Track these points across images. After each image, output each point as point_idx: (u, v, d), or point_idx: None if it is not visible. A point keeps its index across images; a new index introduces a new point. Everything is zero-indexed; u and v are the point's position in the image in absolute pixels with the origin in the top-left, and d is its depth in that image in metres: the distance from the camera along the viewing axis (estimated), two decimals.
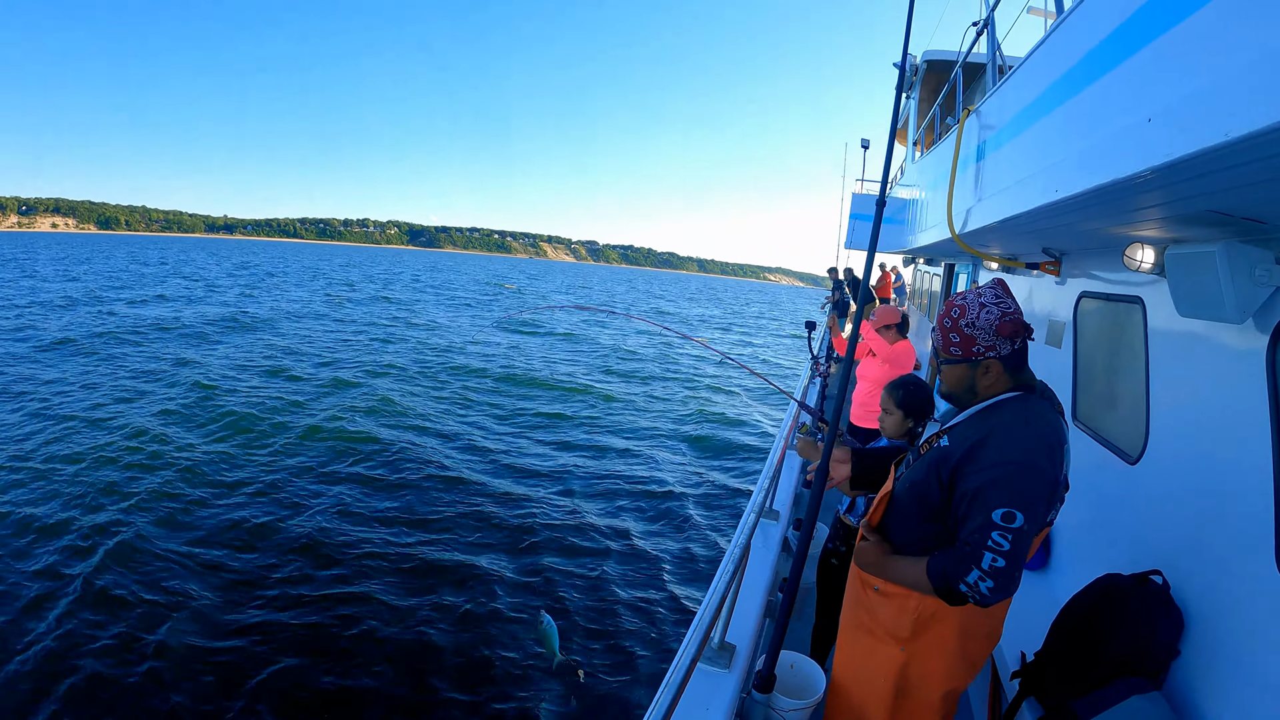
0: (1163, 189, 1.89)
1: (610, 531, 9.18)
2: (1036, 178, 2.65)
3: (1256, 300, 2.22)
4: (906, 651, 2.17)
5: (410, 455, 11.43)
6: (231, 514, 8.70)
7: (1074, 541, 3.62)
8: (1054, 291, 4.54)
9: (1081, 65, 2.32)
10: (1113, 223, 2.67)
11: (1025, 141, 2.97)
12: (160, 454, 10.64)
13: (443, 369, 20.17)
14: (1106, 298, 3.63)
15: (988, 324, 2.04)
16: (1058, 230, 3.28)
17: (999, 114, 3.53)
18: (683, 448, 13.70)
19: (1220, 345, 2.51)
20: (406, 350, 23.18)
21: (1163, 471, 2.89)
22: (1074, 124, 2.38)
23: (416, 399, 15.89)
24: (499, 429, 13.81)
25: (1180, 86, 1.59)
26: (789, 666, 2.72)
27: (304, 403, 14.65)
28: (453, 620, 6.85)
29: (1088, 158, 2.13)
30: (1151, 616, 2.36)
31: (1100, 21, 2.17)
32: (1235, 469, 2.33)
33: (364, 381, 17.30)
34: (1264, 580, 2.06)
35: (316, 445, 11.73)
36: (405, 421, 13.66)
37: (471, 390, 17.45)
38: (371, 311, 35.01)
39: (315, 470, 10.51)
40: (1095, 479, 3.46)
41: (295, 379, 17.17)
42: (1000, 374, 2.07)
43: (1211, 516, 2.46)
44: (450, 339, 26.91)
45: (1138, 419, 3.11)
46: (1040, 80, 2.81)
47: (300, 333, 25.52)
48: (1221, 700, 2.16)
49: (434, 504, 9.51)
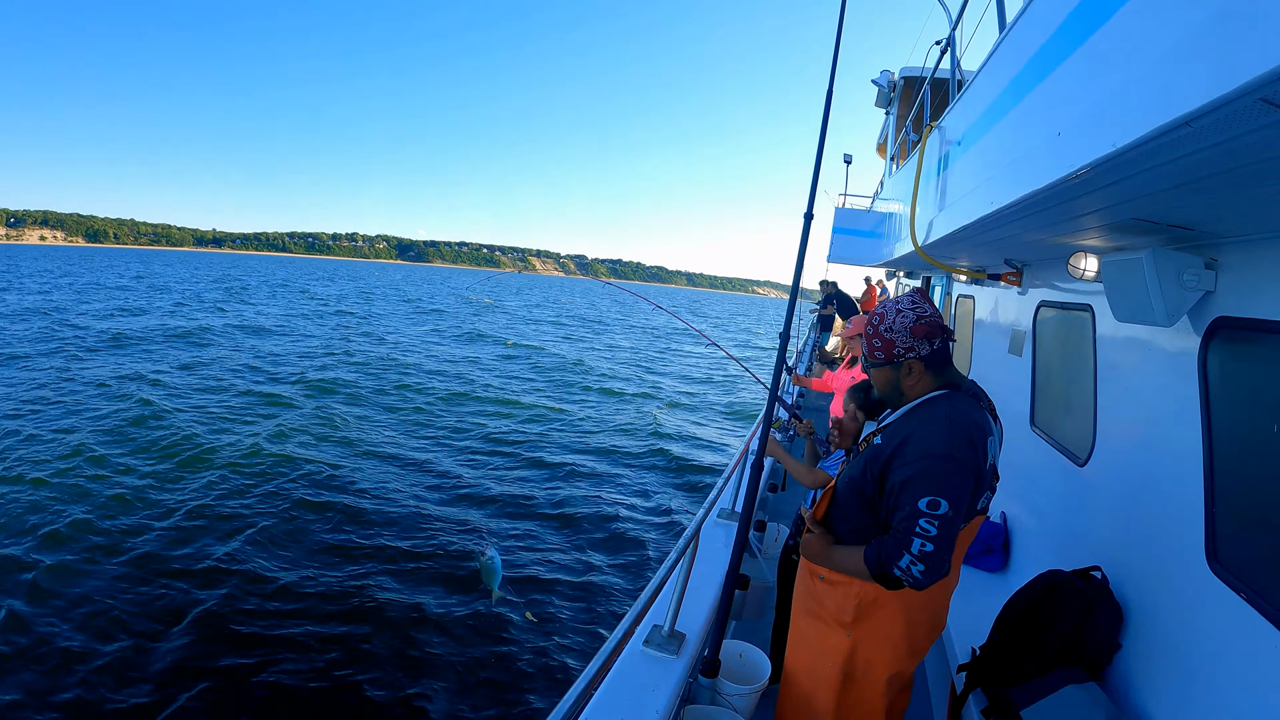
0: (1079, 199, 2.00)
1: (571, 534, 9.35)
2: (979, 190, 2.77)
3: (1186, 304, 2.33)
4: (851, 636, 2.27)
5: (336, 478, 10.91)
6: (141, 541, 8.18)
7: (1028, 544, 3.73)
8: (1016, 302, 4.67)
9: (1012, 84, 2.44)
10: (1054, 233, 2.78)
11: (973, 155, 3.10)
12: (84, 473, 10.21)
13: (393, 383, 19.69)
14: (1061, 306, 3.75)
15: (903, 327, 2.18)
16: (1009, 241, 3.40)
17: (957, 128, 3.65)
18: (646, 459, 13.68)
19: (1158, 349, 2.62)
20: (359, 366, 22.38)
21: (1107, 472, 2.99)
22: (1006, 138, 2.50)
23: (357, 418, 15.26)
24: (440, 445, 13.47)
25: (1081, 102, 1.71)
26: (738, 655, 2.85)
27: (235, 419, 14.15)
28: (406, 622, 6.90)
29: (1014, 170, 2.25)
30: (1089, 610, 2.45)
31: (1026, 43, 2.29)
32: (1171, 468, 2.42)
33: (300, 400, 16.55)
34: (1196, 576, 2.15)
35: (240, 467, 11.09)
36: (342, 441, 13.15)
37: (420, 407, 16.95)
38: (325, 326, 33.77)
39: (232, 495, 9.90)
40: (1050, 482, 3.57)
41: (234, 393, 16.59)
42: (923, 374, 2.20)
43: (1149, 514, 2.56)
44: (412, 355, 26.03)
45: (1086, 423, 3.22)
46: (984, 98, 2.94)
47: (254, 347, 24.73)
48: (1158, 691, 2.25)
49: (358, 524, 9.21)
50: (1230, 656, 1.94)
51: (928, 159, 4.43)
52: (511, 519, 9.70)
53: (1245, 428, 2.08)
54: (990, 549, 3.86)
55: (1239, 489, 2.07)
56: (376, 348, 26.99)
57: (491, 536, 7.49)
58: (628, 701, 2.27)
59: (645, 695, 2.30)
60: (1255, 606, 1.84)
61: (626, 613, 2.07)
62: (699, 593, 2.93)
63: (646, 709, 2.24)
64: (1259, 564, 1.93)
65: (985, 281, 5.20)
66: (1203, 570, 2.12)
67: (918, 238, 4.47)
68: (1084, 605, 2.46)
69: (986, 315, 5.56)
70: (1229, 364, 2.18)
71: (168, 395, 15.80)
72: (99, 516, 8.75)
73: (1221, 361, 2.21)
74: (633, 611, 2.11)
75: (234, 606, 6.86)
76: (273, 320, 34.48)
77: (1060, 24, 1.93)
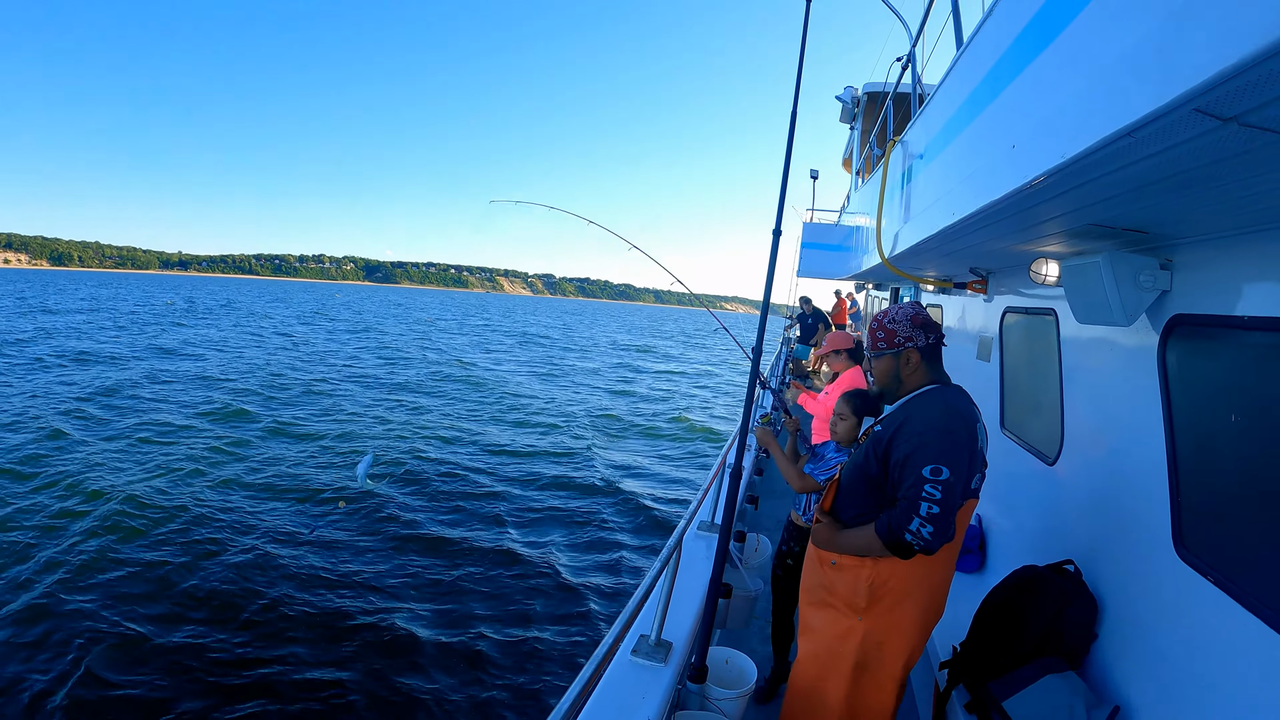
0: (1036, 207, 2.10)
1: (551, 547, 9.40)
2: (942, 201, 2.88)
3: (1143, 304, 2.44)
4: (864, 621, 2.39)
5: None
6: None
7: (1003, 543, 3.82)
8: (983, 309, 4.80)
9: (970, 99, 2.55)
10: (1015, 240, 2.89)
11: (935, 168, 3.20)
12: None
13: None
14: (1026, 311, 3.87)
15: (904, 317, 2.47)
16: (973, 250, 3.51)
17: (919, 143, 3.77)
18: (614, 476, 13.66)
19: (1119, 347, 2.73)
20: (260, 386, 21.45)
21: (1076, 469, 3.09)
22: (965, 151, 2.61)
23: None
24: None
25: (1033, 116, 1.81)
26: (724, 661, 2.90)
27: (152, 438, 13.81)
28: (405, 634, 6.91)
29: (974, 181, 2.35)
30: (1064, 602, 2.53)
31: (981, 60, 2.40)
32: (1136, 461, 2.53)
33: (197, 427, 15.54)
34: (1165, 564, 2.24)
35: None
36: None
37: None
38: (260, 351, 32.18)
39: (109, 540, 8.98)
40: (1021, 482, 3.67)
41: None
42: (919, 364, 2.43)
43: (1117, 507, 2.65)
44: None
45: (1054, 422, 3.33)
46: (944, 113, 3.05)
47: (180, 371, 23.64)
48: (1136, 676, 2.32)
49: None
50: (1202, 638, 2.02)
51: (892, 173, 4.56)
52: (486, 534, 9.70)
53: (1205, 419, 2.18)
54: (968, 550, 3.94)
55: (1201, 477, 2.17)
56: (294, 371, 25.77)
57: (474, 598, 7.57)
58: (619, 710, 2.30)
59: (636, 702, 2.34)
60: (1223, 588, 1.93)
61: (613, 623, 2.12)
62: (682, 602, 2.98)
63: (638, 716, 2.28)
64: (1224, 548, 2.02)
65: (952, 290, 5.33)
66: (1171, 557, 2.21)
67: (884, 250, 4.59)
68: (1059, 598, 2.54)
69: (954, 323, 5.69)
70: (1187, 359, 2.29)
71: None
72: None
73: (1180, 357, 2.32)
74: (619, 622, 2.15)
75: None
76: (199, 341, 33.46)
77: (1012, 42, 2.03)
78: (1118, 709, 2.23)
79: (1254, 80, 0.96)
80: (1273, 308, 1.85)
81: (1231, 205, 1.75)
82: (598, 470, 13.87)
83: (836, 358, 4.65)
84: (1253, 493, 1.96)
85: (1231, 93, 1.02)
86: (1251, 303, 1.95)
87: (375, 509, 10.51)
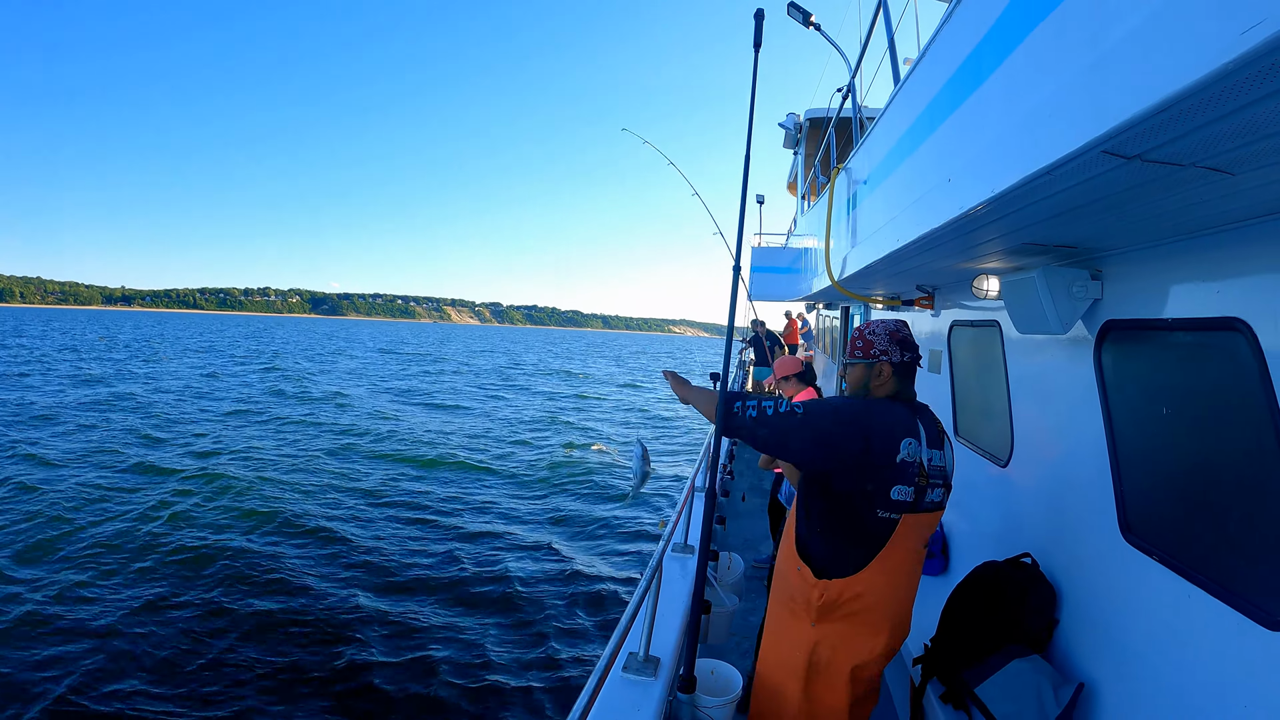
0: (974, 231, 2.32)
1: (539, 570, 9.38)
2: (888, 227, 3.10)
3: (1077, 312, 2.66)
4: (816, 628, 2.43)
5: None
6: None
7: (964, 544, 4.02)
8: (931, 323, 5.05)
9: (908, 133, 2.78)
10: (957, 260, 3.11)
11: (880, 195, 3.43)
12: None
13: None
14: (972, 324, 4.12)
15: (883, 330, 2.50)
16: (919, 269, 3.74)
17: (863, 170, 4.01)
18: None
19: (1059, 353, 2.96)
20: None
21: (1027, 469, 3.31)
22: (907, 180, 2.83)
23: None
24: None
25: (966, 152, 2.02)
26: (709, 672, 3.02)
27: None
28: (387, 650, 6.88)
29: (916, 209, 2.57)
30: (1024, 591, 2.72)
31: (918, 96, 2.63)
32: (1081, 457, 2.74)
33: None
34: (1114, 548, 2.44)
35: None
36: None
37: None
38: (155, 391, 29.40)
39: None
40: (977, 486, 3.88)
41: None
42: (889, 378, 2.44)
43: (1067, 500, 2.86)
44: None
45: (1004, 427, 3.55)
46: (885, 144, 3.28)
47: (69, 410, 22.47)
48: (1095, 654, 2.51)
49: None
50: (1152, 612, 2.21)
51: (837, 198, 4.80)
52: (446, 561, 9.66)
53: (1140, 413, 2.39)
54: (932, 554, 4.13)
55: (1140, 467, 2.38)
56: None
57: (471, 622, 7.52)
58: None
59: (630, 715, 2.44)
60: (1167, 565, 2.13)
61: (594, 641, 2.21)
62: (665, 620, 3.10)
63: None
64: (1165, 528, 2.22)
65: (900, 307, 5.58)
66: (1119, 542, 2.41)
67: (834, 273, 4.82)
68: (1019, 588, 2.73)
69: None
70: (1120, 360, 2.51)
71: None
72: None
73: (1114, 358, 2.54)
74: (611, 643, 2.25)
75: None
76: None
77: (945, 82, 2.24)
78: (1082, 686, 2.41)
79: (1153, 125, 1.15)
80: (1195, 309, 2.07)
81: (1147, 223, 1.97)
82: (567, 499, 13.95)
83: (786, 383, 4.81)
84: (1187, 477, 2.18)
85: (1134, 136, 1.21)
86: (1176, 305, 2.18)
87: (354, 533, 10.54)
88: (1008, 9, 1.66)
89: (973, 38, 1.93)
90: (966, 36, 2.00)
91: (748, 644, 4.89)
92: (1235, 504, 1.94)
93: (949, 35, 2.21)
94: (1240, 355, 1.85)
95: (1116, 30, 1.18)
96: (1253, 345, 1.79)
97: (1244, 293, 1.86)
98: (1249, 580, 1.84)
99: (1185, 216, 1.87)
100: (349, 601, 8.40)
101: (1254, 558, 1.83)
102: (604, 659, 2.16)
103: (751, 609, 5.06)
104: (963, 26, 2.06)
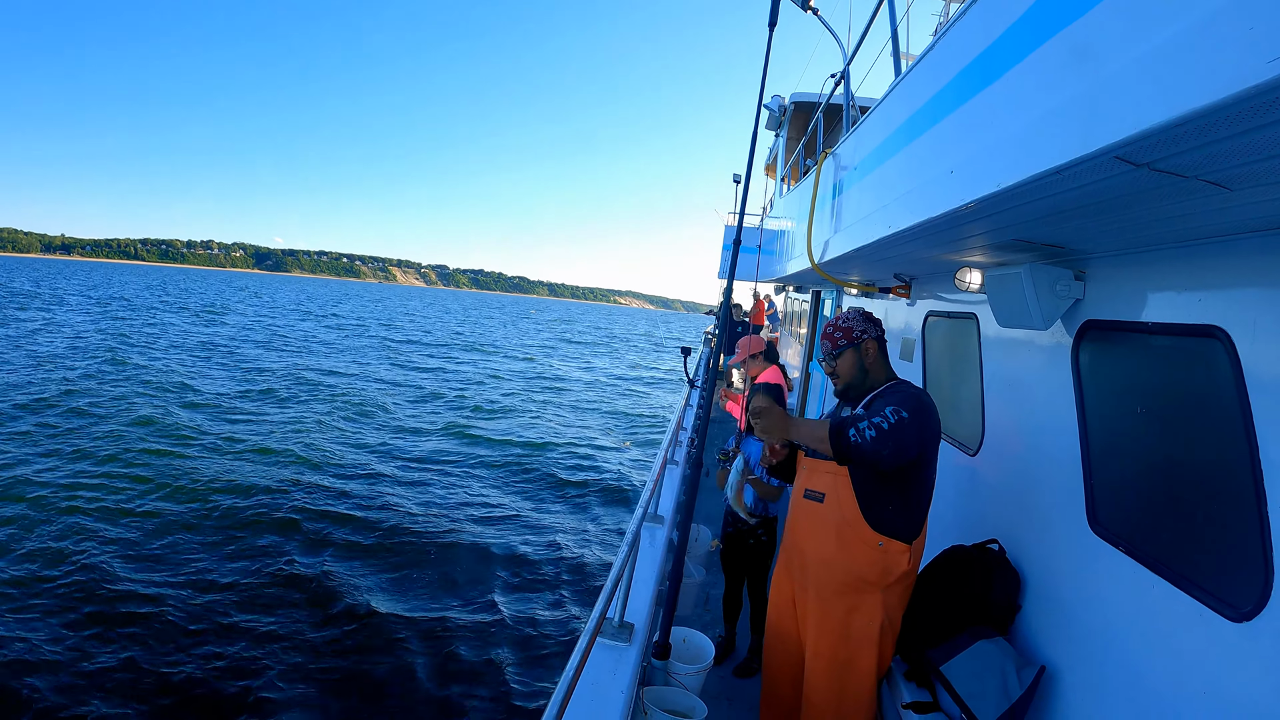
0: (968, 224, 2.36)
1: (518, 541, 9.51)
2: (877, 214, 3.14)
3: (1059, 310, 2.74)
4: (885, 592, 2.69)
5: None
6: None
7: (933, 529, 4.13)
8: (906, 312, 5.13)
9: (908, 123, 2.81)
10: (943, 251, 3.17)
11: (870, 183, 3.46)
12: None
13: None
14: (948, 315, 4.20)
15: (855, 314, 2.82)
16: (902, 258, 3.79)
17: (852, 157, 4.04)
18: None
19: (1037, 349, 3.04)
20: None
21: (997, 458, 3.41)
22: (902, 170, 2.86)
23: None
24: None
25: (971, 146, 2.06)
26: (682, 640, 3.11)
27: None
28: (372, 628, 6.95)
29: (911, 199, 2.61)
30: (990, 574, 2.82)
31: (922, 88, 2.65)
32: (1052, 450, 2.83)
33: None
34: (1080, 539, 2.54)
35: None
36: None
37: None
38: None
39: None
40: (946, 472, 3.97)
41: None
42: (878, 354, 2.75)
43: (1036, 491, 2.96)
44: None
45: (975, 417, 3.64)
46: (880, 133, 3.31)
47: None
48: (1057, 638, 2.63)
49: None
50: (1115, 600, 2.32)
51: (823, 183, 4.82)
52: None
53: (1114, 411, 2.48)
54: None
55: (1111, 462, 2.47)
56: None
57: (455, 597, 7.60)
58: (593, 687, 2.46)
59: (607, 679, 2.50)
60: (1133, 556, 2.22)
61: (571, 607, 2.26)
62: (638, 588, 3.16)
63: (612, 690, 2.44)
64: (1132, 522, 2.32)
65: (876, 294, 5.66)
66: (1086, 533, 2.51)
67: (814, 256, 4.86)
68: (985, 571, 2.84)
69: None
70: (1097, 359, 2.60)
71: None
72: None
73: (1091, 357, 2.62)
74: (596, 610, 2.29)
75: None
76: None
77: (954, 76, 2.27)
78: (1044, 668, 2.52)
79: (1170, 136, 1.20)
80: (1176, 315, 2.15)
81: (1139, 228, 2.03)
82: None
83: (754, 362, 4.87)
84: (1156, 474, 2.27)
85: (1150, 144, 1.26)
86: (1155, 310, 2.25)
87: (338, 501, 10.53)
88: (1031, 9, 1.69)
89: (990, 34, 1.96)
90: (983, 32, 2.03)
91: (710, 616, 5.00)
92: (1203, 502, 2.03)
93: (962, 29, 2.24)
94: (1218, 362, 1.93)
95: (1149, 40, 1.21)
96: (1230, 353, 1.87)
97: (1226, 303, 1.93)
98: (1211, 574, 1.93)
99: (1176, 225, 1.94)
100: (330, 571, 8.45)
101: (1219, 554, 1.92)
102: (589, 627, 2.19)
103: (713, 583, 5.16)
104: (979, 22, 2.09)
